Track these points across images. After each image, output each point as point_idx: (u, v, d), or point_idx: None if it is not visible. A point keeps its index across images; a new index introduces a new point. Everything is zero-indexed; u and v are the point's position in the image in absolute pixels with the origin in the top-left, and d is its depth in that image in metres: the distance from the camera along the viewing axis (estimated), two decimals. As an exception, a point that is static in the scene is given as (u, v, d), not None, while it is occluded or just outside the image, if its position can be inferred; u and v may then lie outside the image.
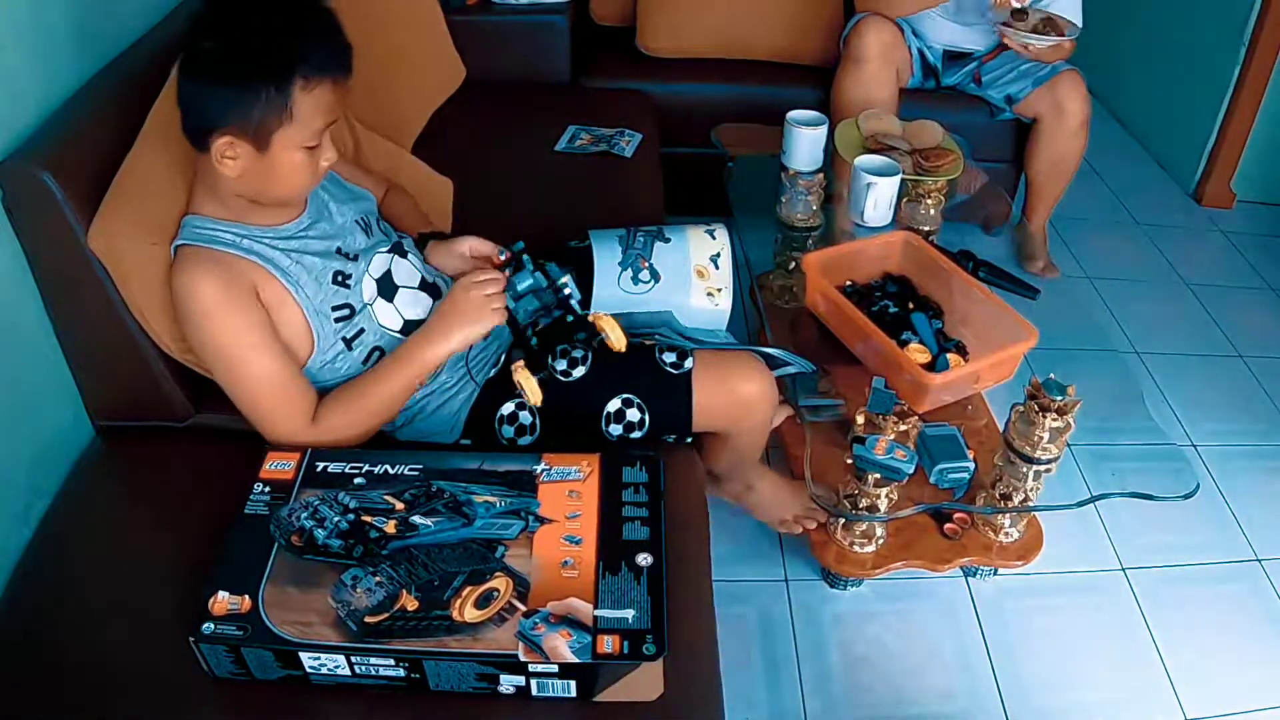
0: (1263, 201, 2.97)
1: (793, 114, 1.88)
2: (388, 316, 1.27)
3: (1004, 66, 2.33)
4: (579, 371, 1.32)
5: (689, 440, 1.38)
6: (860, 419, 1.42)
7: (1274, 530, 1.88)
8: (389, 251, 1.31)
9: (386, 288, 1.28)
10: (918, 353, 1.48)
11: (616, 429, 1.32)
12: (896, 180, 1.78)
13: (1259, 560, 1.82)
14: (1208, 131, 2.93)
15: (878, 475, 1.42)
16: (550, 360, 1.32)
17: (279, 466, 1.13)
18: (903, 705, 1.53)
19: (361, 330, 1.24)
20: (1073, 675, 1.60)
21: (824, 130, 1.86)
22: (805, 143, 1.85)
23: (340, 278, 1.23)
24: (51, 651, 1.04)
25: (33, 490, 1.20)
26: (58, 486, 1.24)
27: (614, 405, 1.31)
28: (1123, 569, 1.78)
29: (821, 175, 1.90)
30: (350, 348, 1.24)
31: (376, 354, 1.25)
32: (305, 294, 1.19)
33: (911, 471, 1.38)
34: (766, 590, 1.68)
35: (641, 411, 1.31)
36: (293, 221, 1.22)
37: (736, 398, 1.36)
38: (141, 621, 1.06)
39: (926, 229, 1.81)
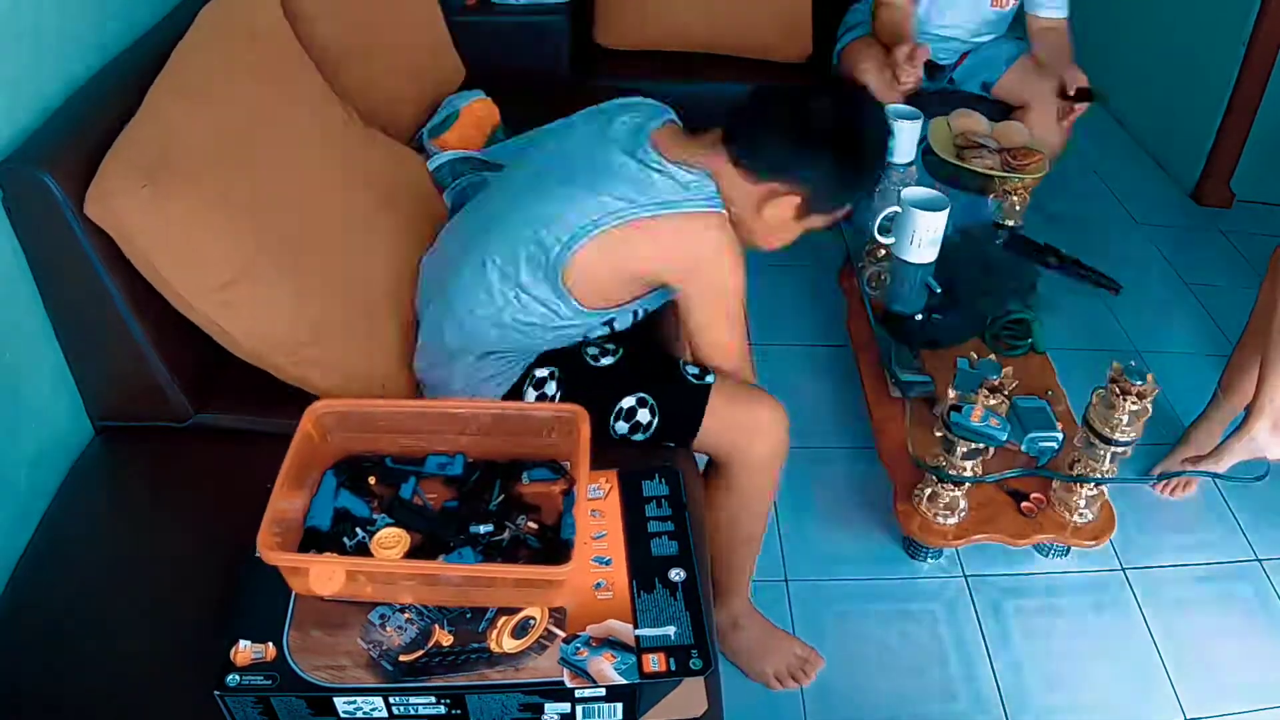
0: (1263, 201, 2.97)
1: (891, 107, 2.01)
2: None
3: (972, 60, 2.42)
4: (606, 360, 1.34)
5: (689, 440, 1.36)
6: (952, 392, 1.50)
7: (1274, 530, 1.88)
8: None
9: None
10: None
11: (623, 427, 1.32)
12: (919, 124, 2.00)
13: (1259, 560, 1.82)
14: (1207, 131, 2.92)
15: (967, 447, 1.48)
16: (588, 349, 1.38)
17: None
18: (903, 705, 1.54)
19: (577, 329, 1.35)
20: (1073, 675, 1.60)
21: (919, 124, 2.01)
22: (903, 136, 1.99)
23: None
24: (51, 652, 1.03)
25: (33, 490, 1.20)
26: (57, 487, 1.24)
27: (628, 402, 1.32)
28: (1123, 569, 1.78)
29: (914, 168, 2.03)
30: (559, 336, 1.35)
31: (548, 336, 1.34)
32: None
33: (1004, 439, 1.46)
34: (766, 590, 1.67)
35: (652, 414, 1.32)
36: None
37: (746, 419, 1.33)
38: (143, 622, 1.06)
39: (1011, 224, 1.96)
